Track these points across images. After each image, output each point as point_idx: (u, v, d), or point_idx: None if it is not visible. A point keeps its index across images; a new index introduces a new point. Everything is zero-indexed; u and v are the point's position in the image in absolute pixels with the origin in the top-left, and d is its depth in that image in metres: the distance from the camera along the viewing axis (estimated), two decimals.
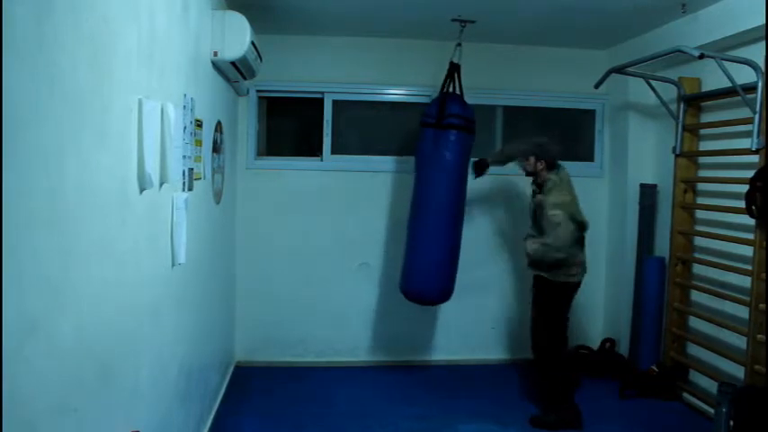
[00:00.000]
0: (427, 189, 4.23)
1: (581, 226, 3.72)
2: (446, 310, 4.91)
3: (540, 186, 3.81)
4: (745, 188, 3.37)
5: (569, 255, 3.68)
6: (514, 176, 4.65)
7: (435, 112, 4.23)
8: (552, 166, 3.78)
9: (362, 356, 4.93)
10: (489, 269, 4.92)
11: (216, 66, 3.45)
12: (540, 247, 3.68)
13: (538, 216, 3.78)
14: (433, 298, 4.33)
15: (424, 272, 4.20)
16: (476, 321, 5.01)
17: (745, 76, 3.42)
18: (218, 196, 3.74)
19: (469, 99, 4.38)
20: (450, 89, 4.31)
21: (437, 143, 4.19)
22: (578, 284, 3.83)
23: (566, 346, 3.92)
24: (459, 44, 4.26)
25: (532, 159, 3.79)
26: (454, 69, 4.29)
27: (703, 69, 3.98)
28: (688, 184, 4.21)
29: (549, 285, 3.77)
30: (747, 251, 3.55)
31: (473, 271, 4.92)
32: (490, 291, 4.97)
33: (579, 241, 3.76)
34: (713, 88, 3.91)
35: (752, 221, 3.42)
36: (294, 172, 4.88)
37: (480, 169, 4.19)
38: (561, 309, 3.81)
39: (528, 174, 3.89)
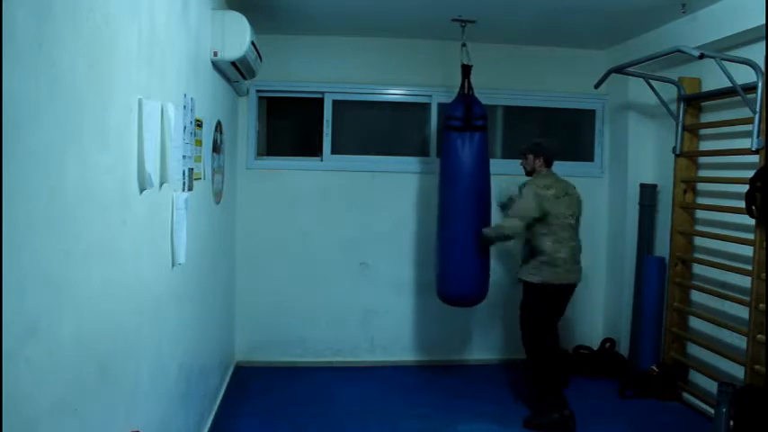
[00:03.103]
0: (444, 193, 4.26)
1: (546, 217, 3.72)
2: (446, 310, 4.91)
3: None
4: (745, 188, 3.37)
5: (534, 243, 3.74)
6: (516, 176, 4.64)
7: (443, 118, 4.27)
8: (549, 163, 3.91)
9: (362, 356, 4.94)
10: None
11: (216, 66, 3.45)
12: (497, 225, 3.92)
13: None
14: (472, 299, 4.37)
15: (465, 274, 4.22)
16: (475, 321, 5.01)
17: (745, 76, 3.42)
18: (218, 196, 3.74)
19: None
20: (465, 91, 4.32)
21: (444, 147, 4.25)
22: (561, 288, 3.78)
23: (556, 348, 3.90)
24: (464, 44, 4.26)
25: (531, 157, 3.91)
26: (466, 71, 4.29)
27: (703, 69, 3.98)
28: (688, 184, 4.21)
29: (528, 287, 3.82)
30: (747, 251, 3.54)
31: None
32: (491, 290, 4.96)
33: (562, 239, 3.74)
34: (713, 88, 3.90)
35: (752, 221, 3.42)
36: (294, 172, 4.88)
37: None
38: (541, 311, 3.80)
39: (527, 173, 3.96)
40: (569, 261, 3.76)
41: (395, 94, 4.99)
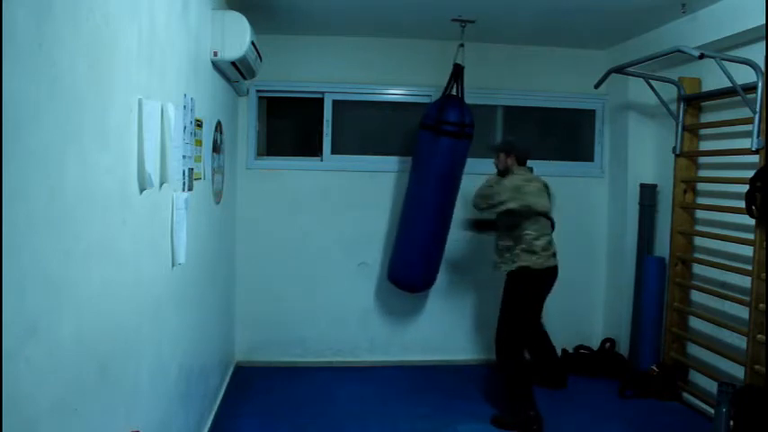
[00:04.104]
0: (417, 189, 4.41)
1: (532, 211, 3.74)
2: (446, 309, 4.92)
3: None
4: (745, 188, 3.37)
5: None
6: None
7: (434, 115, 4.28)
8: (522, 162, 3.86)
9: (362, 356, 4.94)
10: (489, 269, 4.92)
11: (216, 66, 3.45)
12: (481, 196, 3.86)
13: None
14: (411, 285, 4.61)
15: (405, 261, 4.50)
16: (475, 321, 5.01)
17: (745, 76, 3.42)
18: (218, 196, 3.74)
19: (469, 99, 4.39)
20: (453, 91, 4.33)
21: (432, 147, 4.26)
22: (543, 273, 3.76)
23: (528, 345, 3.94)
24: (462, 45, 4.26)
25: (502, 156, 3.88)
26: (458, 71, 4.30)
27: (703, 69, 3.98)
28: (688, 184, 4.21)
29: (511, 276, 3.82)
30: (747, 251, 3.55)
31: (473, 271, 4.94)
32: (490, 290, 4.96)
33: (540, 227, 3.76)
34: (713, 88, 3.91)
35: (752, 221, 3.42)
36: (294, 172, 4.88)
37: (480, 228, 4.33)
38: (524, 300, 3.79)
39: (500, 172, 3.92)
40: (547, 249, 3.79)
41: (395, 94, 4.99)
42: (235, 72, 3.69)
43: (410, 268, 4.50)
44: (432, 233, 4.42)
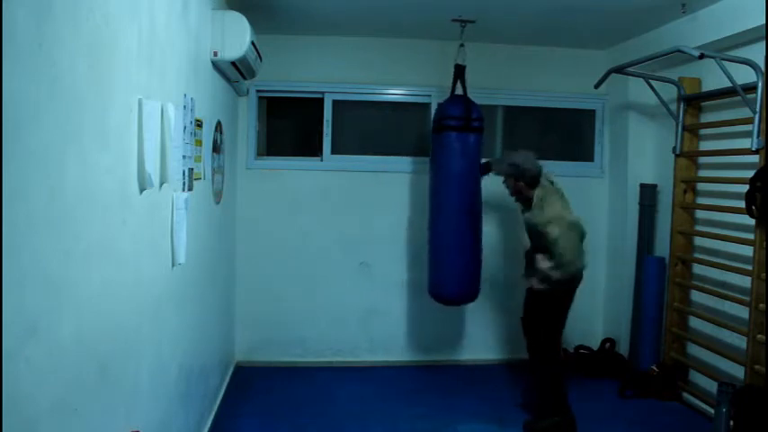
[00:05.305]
0: (440, 192, 4.23)
1: (581, 233, 3.58)
2: (446, 310, 4.91)
3: (527, 203, 3.69)
4: (745, 188, 3.38)
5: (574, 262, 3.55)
6: None
7: (437, 116, 4.24)
8: (533, 185, 3.64)
9: (362, 356, 4.94)
10: (489, 270, 4.92)
11: (216, 66, 3.45)
12: (552, 269, 3.53)
13: (533, 235, 3.68)
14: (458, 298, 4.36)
15: (452, 274, 4.23)
16: (475, 321, 5.01)
17: (745, 76, 3.42)
18: (218, 196, 3.74)
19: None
20: (455, 93, 4.31)
21: (440, 145, 4.22)
22: (570, 284, 3.64)
23: (559, 350, 3.85)
24: (462, 45, 4.26)
25: (511, 180, 3.70)
26: (460, 71, 4.28)
27: (703, 69, 3.98)
28: (688, 184, 4.21)
29: (537, 293, 3.69)
30: (747, 251, 3.55)
31: None
32: (490, 290, 4.97)
33: (569, 238, 3.58)
34: (713, 88, 3.91)
35: (752, 221, 3.42)
36: (294, 172, 4.88)
37: (484, 171, 4.22)
38: (551, 313, 3.68)
39: (512, 194, 3.77)
40: (574, 262, 3.63)
41: (395, 94, 4.99)
42: (235, 72, 3.69)
43: (460, 281, 4.23)
44: (473, 236, 4.21)
